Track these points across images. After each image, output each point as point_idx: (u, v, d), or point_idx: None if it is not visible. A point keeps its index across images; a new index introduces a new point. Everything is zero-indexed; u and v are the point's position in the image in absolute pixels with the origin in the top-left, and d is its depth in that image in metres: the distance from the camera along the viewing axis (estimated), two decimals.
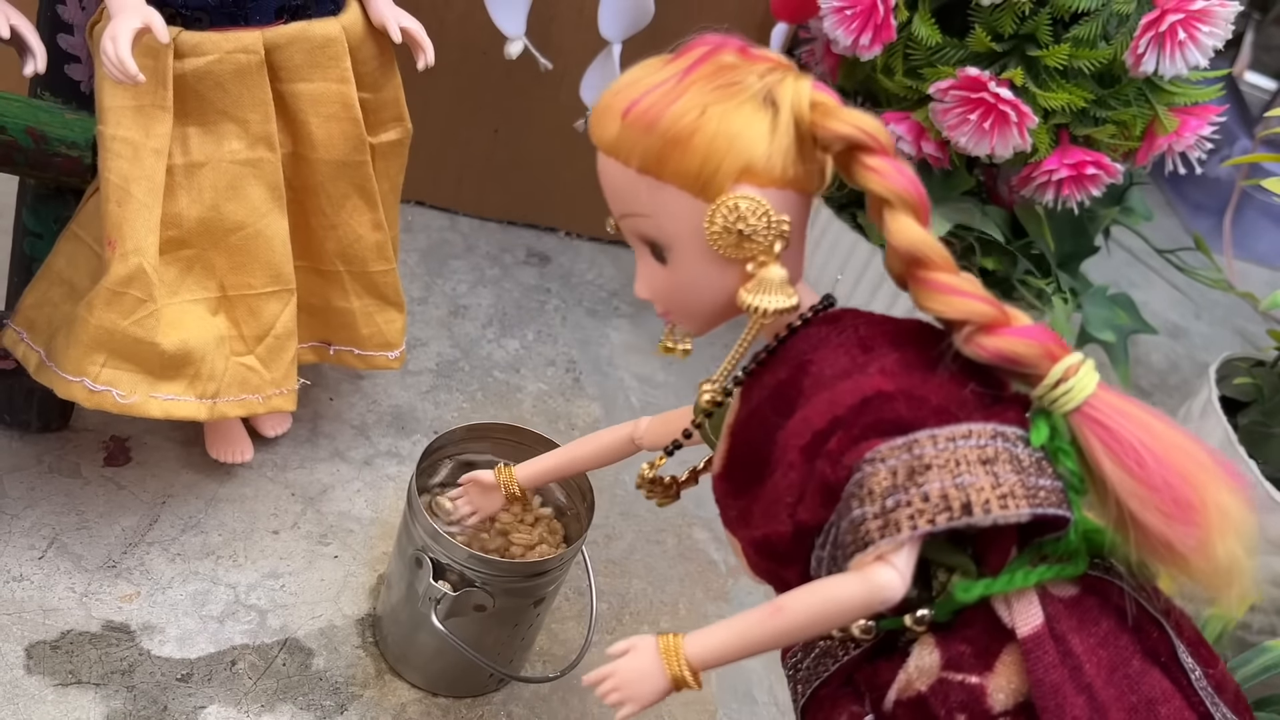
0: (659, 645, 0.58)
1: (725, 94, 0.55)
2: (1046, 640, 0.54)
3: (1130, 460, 0.52)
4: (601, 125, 0.58)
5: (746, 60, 0.57)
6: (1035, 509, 0.52)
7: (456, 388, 1.16)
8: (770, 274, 0.57)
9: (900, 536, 0.52)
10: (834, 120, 0.55)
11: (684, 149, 0.55)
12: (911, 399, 0.55)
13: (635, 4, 1.12)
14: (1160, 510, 0.51)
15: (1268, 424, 1.03)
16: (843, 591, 0.54)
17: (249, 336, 0.87)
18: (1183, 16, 1.01)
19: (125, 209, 0.78)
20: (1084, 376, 0.54)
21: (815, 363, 0.58)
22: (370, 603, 0.92)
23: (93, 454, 0.96)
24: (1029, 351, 0.54)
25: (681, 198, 0.56)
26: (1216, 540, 0.51)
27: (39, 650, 0.81)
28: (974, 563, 0.56)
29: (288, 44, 0.81)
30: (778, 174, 0.56)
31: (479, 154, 1.35)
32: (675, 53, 0.58)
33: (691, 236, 0.57)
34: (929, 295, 0.55)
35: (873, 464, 0.54)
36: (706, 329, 0.62)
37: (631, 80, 0.57)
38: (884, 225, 0.56)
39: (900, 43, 1.12)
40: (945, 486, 0.52)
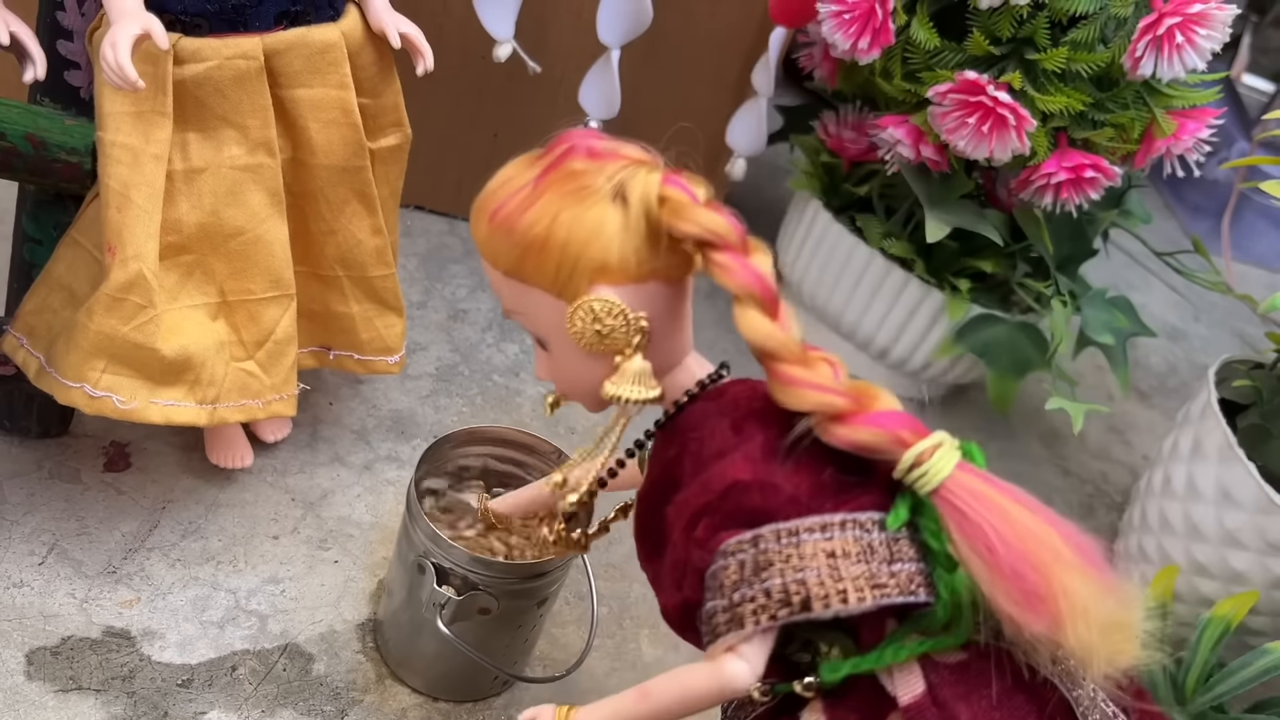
0: (555, 715, 0.62)
1: (574, 199, 0.57)
2: (928, 708, 0.55)
3: (981, 546, 0.53)
4: (476, 225, 0.60)
5: (596, 162, 0.58)
6: (880, 600, 0.54)
7: (456, 392, 1.16)
8: (630, 367, 0.59)
9: (744, 631, 0.55)
10: (681, 220, 0.56)
11: (539, 255, 0.57)
12: (765, 488, 0.57)
13: (634, 9, 1.12)
14: (1008, 597, 0.53)
15: (1267, 426, 1.03)
16: (696, 681, 0.57)
17: (249, 342, 0.87)
18: (1180, 20, 1.01)
19: (125, 215, 0.78)
20: (939, 460, 0.55)
21: (695, 441, 0.60)
22: (371, 607, 0.92)
23: (93, 459, 0.96)
24: (878, 440, 0.55)
25: (545, 298, 0.59)
26: (1066, 627, 0.52)
27: (39, 656, 0.81)
28: (851, 637, 0.58)
29: (287, 50, 0.81)
30: (633, 270, 0.57)
31: (478, 158, 1.34)
32: (541, 150, 0.60)
33: (560, 333, 0.59)
34: (779, 388, 0.57)
35: (724, 557, 0.56)
36: (602, 408, 0.64)
37: (501, 181, 0.59)
38: (735, 319, 0.57)
39: (898, 46, 1.12)
40: (786, 582, 0.54)
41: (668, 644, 0.97)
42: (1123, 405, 1.50)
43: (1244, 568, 1.02)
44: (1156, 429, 1.48)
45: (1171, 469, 1.10)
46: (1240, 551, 1.02)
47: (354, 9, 0.86)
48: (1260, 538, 1.00)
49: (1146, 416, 1.50)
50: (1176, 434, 1.12)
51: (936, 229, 1.14)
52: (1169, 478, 1.10)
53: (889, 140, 1.17)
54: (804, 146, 1.39)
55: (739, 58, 1.31)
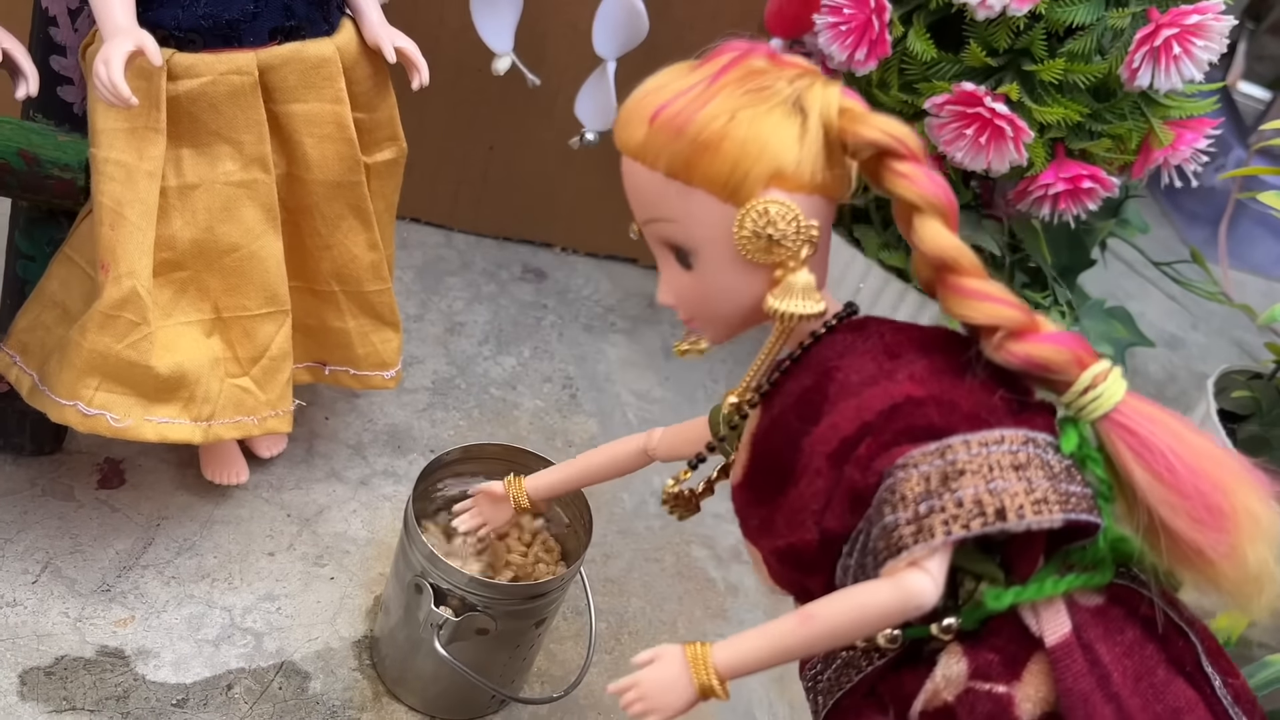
0: (686, 654, 0.57)
1: (755, 99, 0.55)
2: (1075, 649, 0.53)
3: (1160, 466, 0.52)
4: (627, 130, 0.57)
5: (776, 66, 0.57)
6: (1068, 514, 0.52)
7: (453, 406, 1.16)
8: (798, 279, 0.57)
9: (934, 542, 0.52)
10: (863, 125, 0.55)
11: (714, 153, 0.55)
12: (942, 404, 0.55)
13: (630, 21, 1.12)
14: (1191, 516, 0.51)
15: (1266, 437, 1.03)
16: (876, 598, 0.53)
17: (244, 358, 0.86)
18: (1177, 31, 1.01)
19: (118, 232, 0.77)
20: (1112, 383, 0.54)
21: (841, 370, 0.58)
22: (367, 625, 0.91)
23: (86, 477, 0.95)
24: (1058, 357, 0.53)
25: (710, 202, 0.56)
26: (1247, 546, 0.51)
27: (33, 676, 0.80)
28: (1002, 571, 0.56)
29: (282, 65, 0.81)
30: (806, 179, 0.55)
31: (474, 171, 1.34)
32: (702, 58, 0.58)
33: (719, 241, 0.57)
34: (958, 300, 0.55)
35: (905, 469, 0.53)
36: (729, 336, 0.62)
37: (658, 85, 0.57)
38: (913, 230, 0.56)
39: (895, 58, 1.12)
40: (979, 492, 0.52)
41: None
42: None
43: None
44: None
45: None
46: None
47: (349, 23, 0.86)
48: None
49: None
50: None
51: None
52: None
53: None
54: None
55: None
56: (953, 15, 1.09)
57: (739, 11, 1.27)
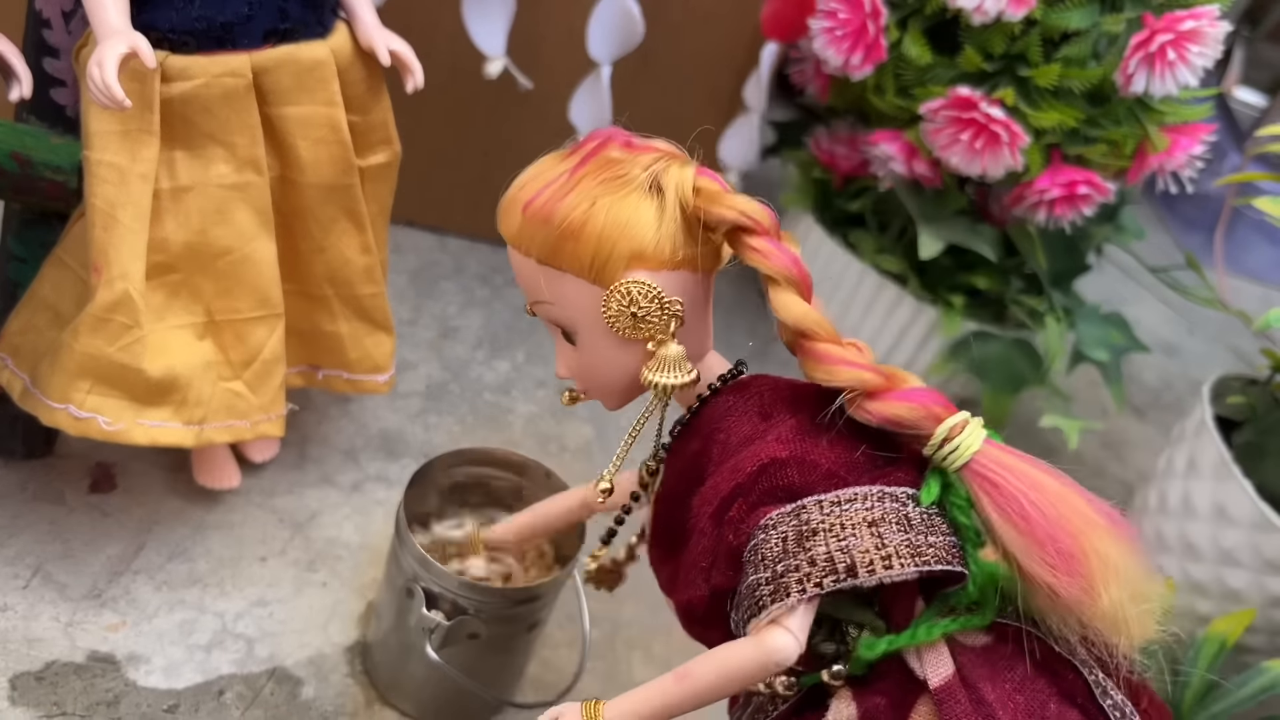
0: (583, 712, 0.60)
1: (612, 186, 0.58)
2: (958, 690, 0.55)
3: (1015, 514, 0.54)
4: (506, 219, 0.61)
5: (632, 153, 0.60)
6: (921, 567, 0.54)
7: (446, 410, 1.15)
8: (667, 352, 0.60)
9: (789, 601, 0.54)
10: (716, 205, 0.58)
11: (577, 240, 0.58)
12: (803, 465, 0.57)
13: (625, 25, 1.12)
14: (1045, 562, 0.54)
15: (1262, 443, 1.03)
16: (740, 656, 0.56)
17: (236, 362, 0.86)
18: (1172, 37, 1.01)
19: (111, 234, 0.77)
20: (969, 435, 0.56)
21: (722, 431, 0.61)
22: (359, 630, 0.91)
23: (78, 481, 0.95)
24: (911, 415, 0.56)
25: (579, 284, 0.59)
26: (1100, 589, 0.53)
27: (23, 681, 0.80)
28: (881, 619, 0.58)
29: (275, 67, 0.81)
30: (667, 257, 0.59)
31: (468, 174, 1.34)
32: (571, 148, 0.61)
33: (593, 320, 0.60)
34: (815, 365, 0.58)
35: (765, 531, 0.56)
36: (622, 404, 0.65)
37: (532, 176, 0.61)
38: (770, 301, 0.59)
39: (891, 62, 1.12)
40: (831, 550, 0.54)
41: (660, 665, 0.96)
42: (1117, 421, 1.49)
43: (1240, 586, 1.01)
44: (1151, 444, 1.47)
45: (1166, 486, 1.09)
46: (1236, 570, 1.01)
47: (343, 26, 0.85)
48: (1256, 556, 1.00)
49: (1141, 432, 1.50)
50: (1171, 451, 1.12)
51: (930, 245, 1.14)
52: (1164, 495, 1.09)
53: (882, 156, 1.17)
54: (796, 162, 1.39)
55: (731, 73, 1.31)
56: (948, 20, 1.09)
57: (733, 15, 1.27)
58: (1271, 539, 0.98)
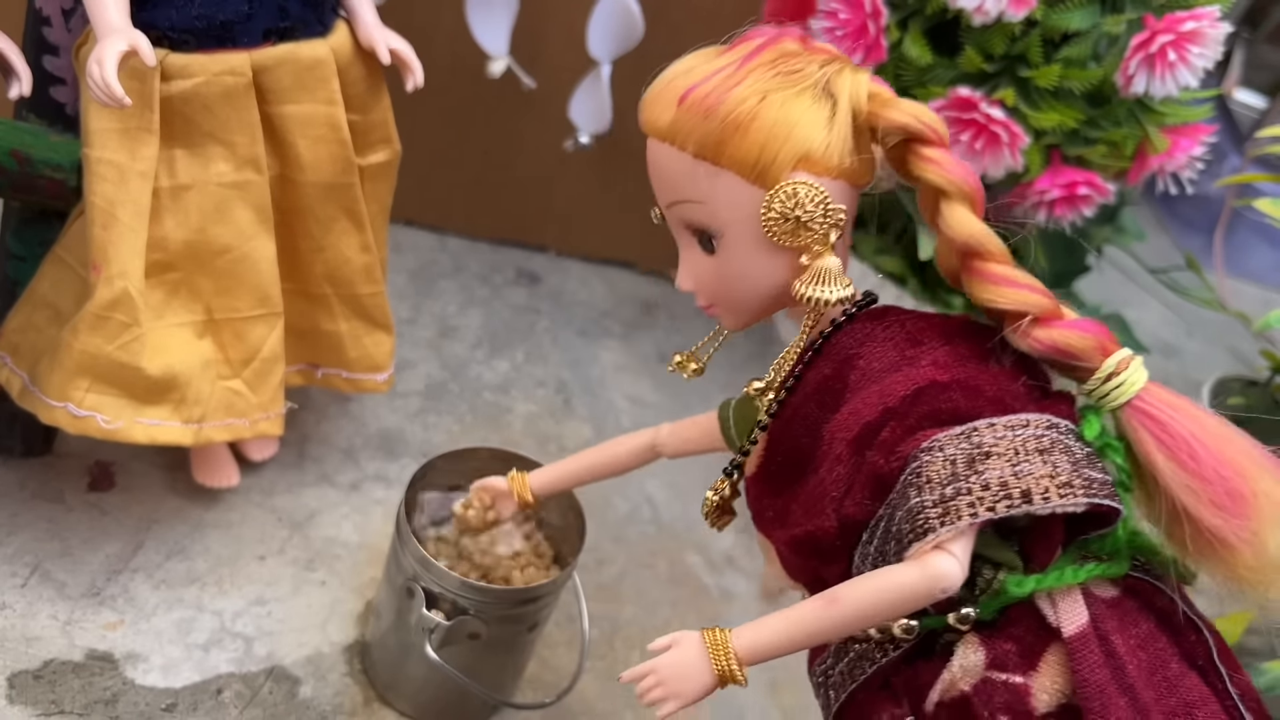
0: (705, 639, 0.56)
1: (785, 81, 0.56)
2: (1092, 640, 0.53)
3: (1183, 453, 0.53)
4: (654, 111, 0.58)
5: (807, 50, 0.57)
6: (1091, 499, 0.52)
7: (445, 410, 1.15)
8: (826, 264, 0.57)
9: (960, 524, 0.51)
10: (893, 110, 0.56)
11: (743, 134, 0.55)
12: (967, 389, 0.55)
13: (625, 24, 1.12)
14: (1213, 502, 0.52)
15: (1262, 445, 1.03)
16: (902, 580, 0.53)
17: (235, 360, 0.86)
18: (1173, 38, 1.01)
19: (110, 232, 0.77)
20: (1135, 371, 0.54)
21: (862, 357, 0.58)
22: (358, 630, 0.91)
23: (76, 479, 0.95)
24: (1083, 344, 0.54)
25: (738, 184, 0.56)
26: (1268, 532, 0.51)
27: (21, 680, 0.80)
28: (1020, 559, 0.56)
29: (275, 66, 0.80)
30: (834, 163, 0.56)
31: (468, 173, 1.34)
32: (730, 43, 0.59)
33: (745, 223, 0.57)
34: (985, 286, 0.55)
35: (930, 453, 0.53)
36: (748, 323, 0.62)
37: (687, 67, 0.58)
38: (940, 216, 0.56)
39: (891, 62, 1.12)
40: (1005, 474, 0.52)
41: None
42: None
43: None
44: None
45: None
46: None
47: (343, 24, 0.85)
48: None
49: None
50: None
51: (929, 245, 1.13)
52: None
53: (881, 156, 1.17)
54: None
55: None
56: (949, 20, 1.09)
57: (734, 14, 1.26)
58: None
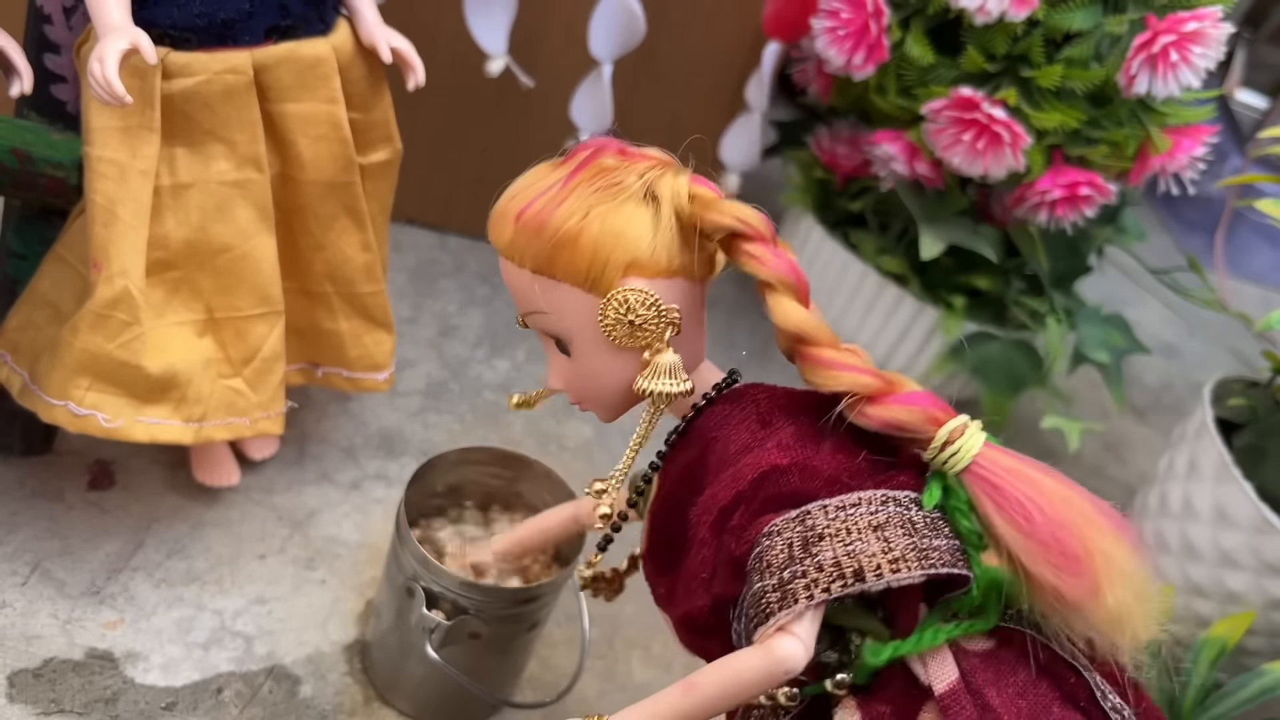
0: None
1: (605, 195, 0.58)
2: (963, 696, 0.55)
3: (1018, 516, 0.54)
4: (497, 229, 0.61)
5: (626, 161, 0.59)
6: (927, 570, 0.54)
7: (446, 409, 1.15)
8: (664, 360, 0.60)
9: (798, 607, 0.54)
10: (712, 212, 0.58)
11: (572, 249, 0.58)
12: (805, 471, 0.57)
13: (626, 24, 1.12)
14: (1049, 563, 0.53)
15: (1263, 446, 1.03)
16: (748, 665, 0.55)
17: (236, 359, 0.86)
18: (1175, 38, 1.01)
19: (111, 231, 0.77)
20: (969, 438, 0.56)
21: (719, 440, 0.61)
22: (358, 629, 0.90)
23: (76, 478, 0.95)
24: (911, 419, 0.56)
25: (575, 294, 0.59)
26: (1105, 588, 0.53)
27: (21, 678, 0.80)
28: (885, 625, 0.58)
29: (277, 64, 0.80)
30: (663, 265, 0.58)
31: (469, 173, 1.34)
32: (563, 157, 0.61)
33: (588, 329, 0.60)
34: (814, 370, 0.57)
35: (770, 538, 0.56)
36: (616, 415, 0.65)
37: (524, 186, 0.60)
38: (768, 307, 0.58)
39: (893, 62, 1.12)
40: (838, 555, 0.54)
41: (660, 665, 0.96)
42: (1117, 422, 1.49)
43: (1240, 588, 1.01)
44: (1151, 446, 1.47)
45: (1167, 488, 1.09)
46: (1237, 572, 1.01)
47: (344, 23, 0.85)
48: (1256, 558, 0.99)
49: (1141, 433, 1.50)
50: (1172, 453, 1.11)
51: (931, 246, 1.14)
52: (1165, 497, 1.09)
53: (883, 156, 1.17)
54: (798, 162, 1.39)
55: (733, 72, 1.31)
56: (951, 20, 1.09)
57: (735, 14, 1.27)
58: (1272, 541, 0.98)
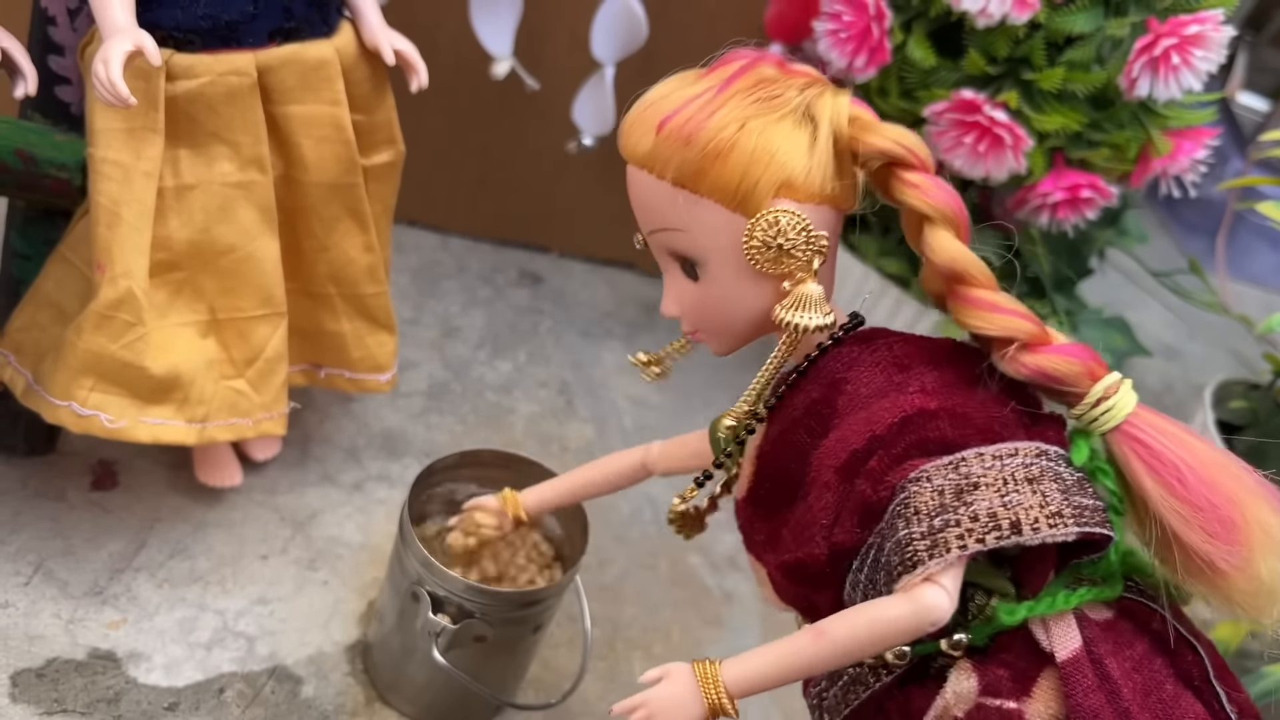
0: (695, 672, 0.56)
1: (765, 108, 0.55)
2: (1085, 664, 0.53)
3: (1172, 478, 0.52)
4: (633, 138, 0.57)
5: (785, 74, 0.56)
6: (1082, 528, 0.52)
7: (448, 410, 1.15)
8: (809, 290, 0.56)
9: (949, 556, 0.51)
10: (874, 135, 0.55)
11: (723, 162, 0.54)
12: (955, 417, 0.54)
13: (629, 26, 1.12)
14: (1203, 528, 0.51)
15: (1264, 447, 1.03)
16: (890, 613, 0.52)
17: (239, 360, 0.86)
18: (1177, 41, 1.01)
19: (115, 232, 0.77)
20: (1124, 395, 0.54)
21: (850, 382, 0.57)
22: (360, 629, 0.91)
23: (79, 478, 0.95)
24: (1070, 369, 0.53)
25: (719, 211, 0.56)
26: (1259, 559, 0.51)
27: (24, 678, 0.80)
28: (1013, 585, 0.55)
29: (280, 66, 0.81)
30: (816, 189, 0.55)
31: (471, 174, 1.34)
32: (708, 66, 0.57)
33: (727, 251, 0.56)
34: (970, 312, 0.55)
35: (918, 483, 0.53)
36: (734, 348, 0.61)
37: (665, 93, 0.57)
38: (923, 241, 0.56)
39: (895, 65, 1.12)
40: (994, 505, 0.51)
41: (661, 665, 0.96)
42: None
43: None
44: None
45: None
46: None
47: (348, 25, 0.85)
48: None
49: None
50: None
51: None
52: None
53: None
54: None
55: None
56: (953, 23, 1.09)
57: (738, 16, 1.27)
58: None
